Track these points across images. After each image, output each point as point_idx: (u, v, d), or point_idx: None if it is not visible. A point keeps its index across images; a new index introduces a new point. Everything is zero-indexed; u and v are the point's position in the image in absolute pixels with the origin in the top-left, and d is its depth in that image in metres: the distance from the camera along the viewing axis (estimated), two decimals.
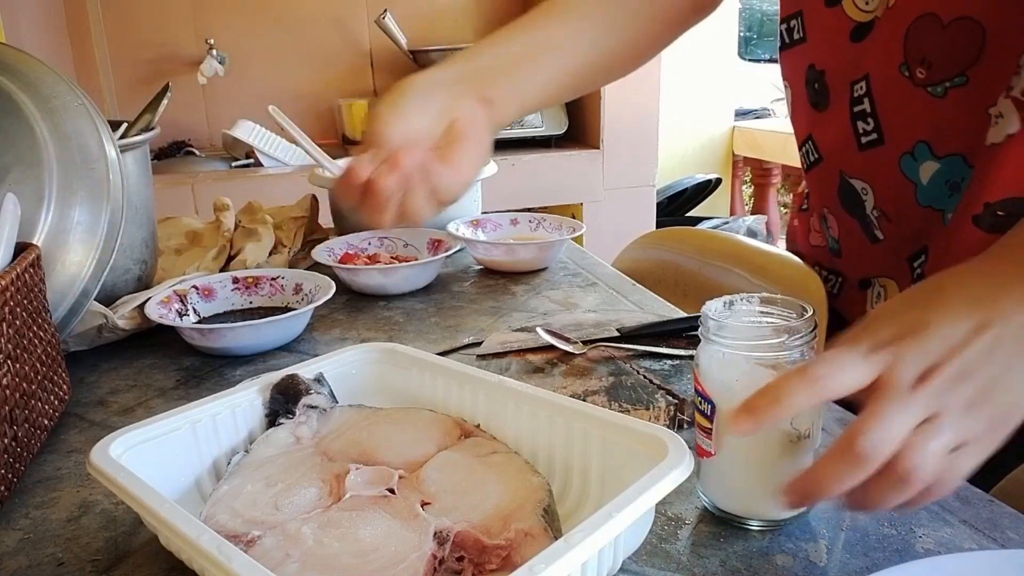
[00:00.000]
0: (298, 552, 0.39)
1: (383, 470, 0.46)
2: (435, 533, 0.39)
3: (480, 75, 0.62)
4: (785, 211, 4.09)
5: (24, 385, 0.56)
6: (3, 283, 0.54)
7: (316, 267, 0.95)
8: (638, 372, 0.62)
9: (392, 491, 0.44)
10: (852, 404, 0.60)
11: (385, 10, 2.15)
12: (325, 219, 1.12)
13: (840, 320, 0.77)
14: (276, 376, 0.53)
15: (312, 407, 0.52)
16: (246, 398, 0.51)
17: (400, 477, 0.45)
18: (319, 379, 0.54)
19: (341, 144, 2.27)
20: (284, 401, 0.52)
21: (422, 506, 0.42)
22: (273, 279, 0.87)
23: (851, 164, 0.68)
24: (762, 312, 0.47)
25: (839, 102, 0.67)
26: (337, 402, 0.54)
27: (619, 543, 0.39)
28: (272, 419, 0.52)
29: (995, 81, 0.56)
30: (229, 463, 0.48)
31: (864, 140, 0.65)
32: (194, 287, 0.84)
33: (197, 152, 2.22)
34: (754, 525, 0.46)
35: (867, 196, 0.68)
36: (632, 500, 0.36)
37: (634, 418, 0.44)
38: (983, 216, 0.59)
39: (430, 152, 0.56)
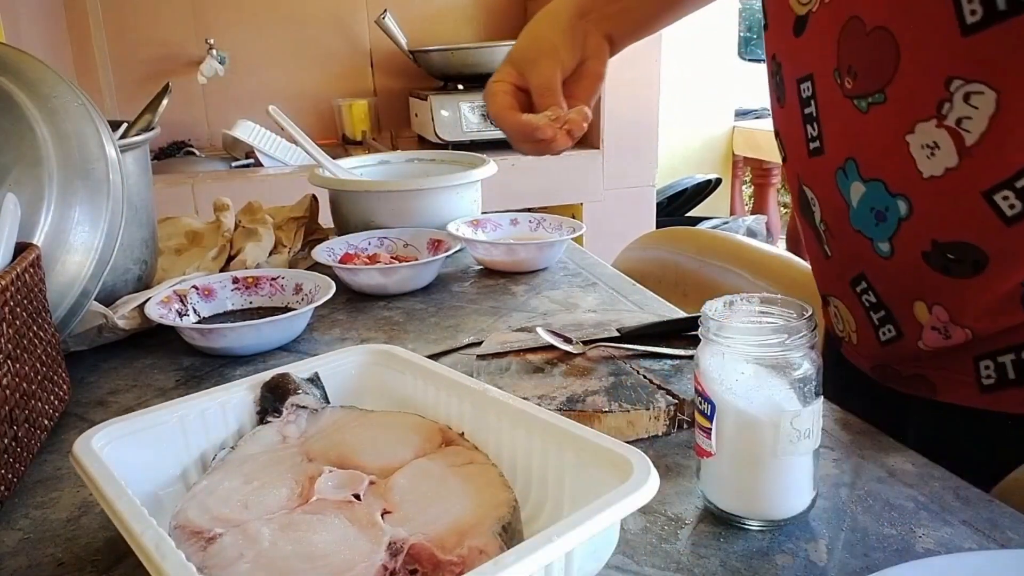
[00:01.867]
0: (252, 552, 0.38)
1: (354, 474, 0.45)
2: (389, 544, 0.39)
3: (599, 13, 0.72)
4: (785, 211, 4.09)
5: (24, 385, 0.56)
6: (3, 283, 0.54)
7: (316, 267, 0.95)
8: (638, 372, 0.62)
9: (358, 497, 0.43)
10: (852, 404, 0.60)
11: (385, 10, 2.16)
12: (325, 219, 1.13)
13: None
14: (268, 374, 0.53)
15: (301, 407, 0.52)
16: (236, 394, 0.51)
17: (371, 483, 0.44)
18: (313, 379, 0.54)
19: (341, 144, 2.28)
20: (273, 399, 0.52)
21: (383, 515, 0.41)
22: (273, 279, 0.87)
23: (803, 169, 0.64)
24: (762, 312, 0.47)
25: (792, 101, 0.62)
26: (328, 403, 0.54)
27: (571, 564, 0.38)
28: (263, 417, 0.52)
29: (912, 105, 0.51)
30: (214, 458, 0.48)
31: (811, 146, 0.61)
32: (194, 287, 0.84)
33: (197, 152, 2.22)
34: (754, 525, 0.46)
35: (815, 207, 0.63)
36: (576, 525, 0.35)
37: (608, 437, 0.43)
38: (933, 254, 0.53)
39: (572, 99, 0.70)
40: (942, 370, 0.58)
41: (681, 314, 0.79)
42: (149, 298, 0.79)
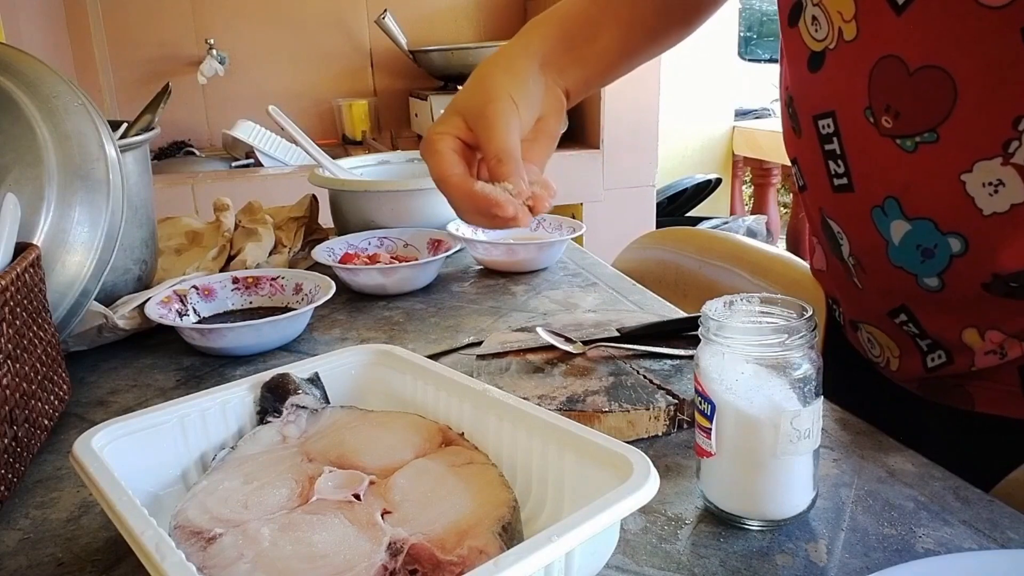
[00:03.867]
0: (252, 553, 0.38)
1: (354, 474, 0.45)
2: (389, 544, 0.39)
3: (557, 64, 0.64)
4: (785, 211, 4.09)
5: (24, 385, 0.56)
6: (3, 283, 0.54)
7: (316, 267, 0.95)
8: (638, 372, 0.62)
9: (358, 497, 0.43)
10: (852, 404, 0.60)
11: (385, 10, 2.16)
12: (325, 219, 1.13)
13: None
14: (268, 374, 0.53)
15: (301, 407, 0.52)
16: (236, 394, 0.51)
17: (371, 483, 0.44)
18: (313, 379, 0.54)
19: (341, 144, 2.28)
20: (273, 399, 0.52)
21: (383, 515, 0.41)
22: (273, 279, 0.87)
23: (827, 203, 0.61)
24: (762, 312, 0.47)
25: (809, 135, 0.60)
26: (328, 402, 0.54)
27: (571, 564, 0.38)
28: (262, 417, 0.52)
29: (973, 144, 0.49)
30: (214, 458, 0.48)
31: (836, 183, 0.58)
32: (194, 287, 0.84)
33: (197, 152, 2.22)
34: (754, 525, 0.46)
35: (843, 240, 0.61)
36: (576, 525, 0.35)
37: (608, 437, 0.43)
38: (994, 285, 0.52)
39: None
40: (986, 382, 0.58)
41: (681, 314, 0.79)
42: (149, 298, 0.79)
